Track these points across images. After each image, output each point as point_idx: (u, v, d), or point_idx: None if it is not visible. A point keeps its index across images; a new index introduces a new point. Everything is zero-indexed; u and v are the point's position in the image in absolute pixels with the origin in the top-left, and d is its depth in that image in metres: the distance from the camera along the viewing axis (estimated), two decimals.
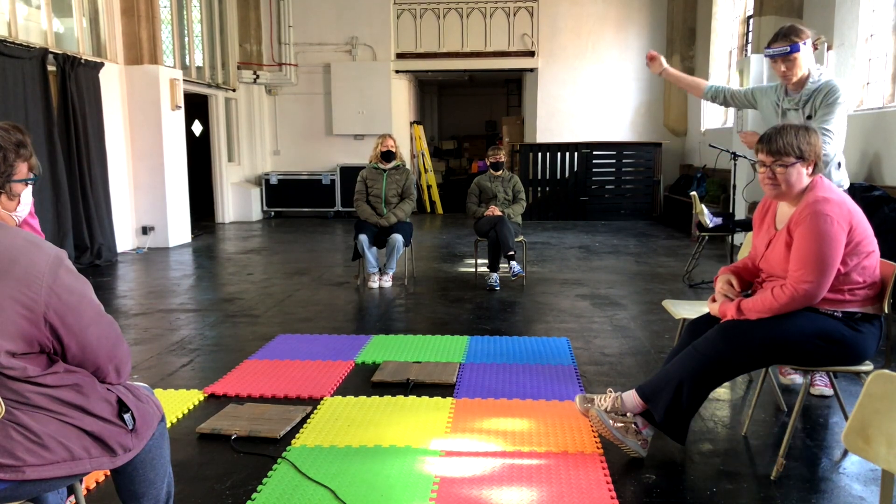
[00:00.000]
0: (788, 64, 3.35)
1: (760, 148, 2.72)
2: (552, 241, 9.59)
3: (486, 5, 13.02)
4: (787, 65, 3.35)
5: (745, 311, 2.70)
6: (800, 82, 3.43)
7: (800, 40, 3.30)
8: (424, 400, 3.55)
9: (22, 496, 1.71)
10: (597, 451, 2.94)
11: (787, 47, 3.30)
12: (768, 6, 8.74)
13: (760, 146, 2.72)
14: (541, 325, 5.11)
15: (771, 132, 2.71)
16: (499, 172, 6.63)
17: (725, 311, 2.78)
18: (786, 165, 2.65)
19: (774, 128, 2.74)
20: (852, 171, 7.03)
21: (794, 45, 3.29)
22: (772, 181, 2.71)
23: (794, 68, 3.35)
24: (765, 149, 2.70)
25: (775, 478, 2.72)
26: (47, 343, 1.69)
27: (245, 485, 2.70)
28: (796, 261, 2.61)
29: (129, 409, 1.85)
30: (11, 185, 1.78)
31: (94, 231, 8.01)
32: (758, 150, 2.75)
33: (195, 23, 11.28)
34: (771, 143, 2.67)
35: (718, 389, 3.73)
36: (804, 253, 2.57)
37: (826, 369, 2.71)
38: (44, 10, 7.80)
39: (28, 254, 1.67)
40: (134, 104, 9.05)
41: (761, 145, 2.72)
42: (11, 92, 6.80)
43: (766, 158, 2.69)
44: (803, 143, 2.64)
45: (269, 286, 6.59)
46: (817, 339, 2.60)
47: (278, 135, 13.33)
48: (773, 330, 2.62)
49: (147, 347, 4.59)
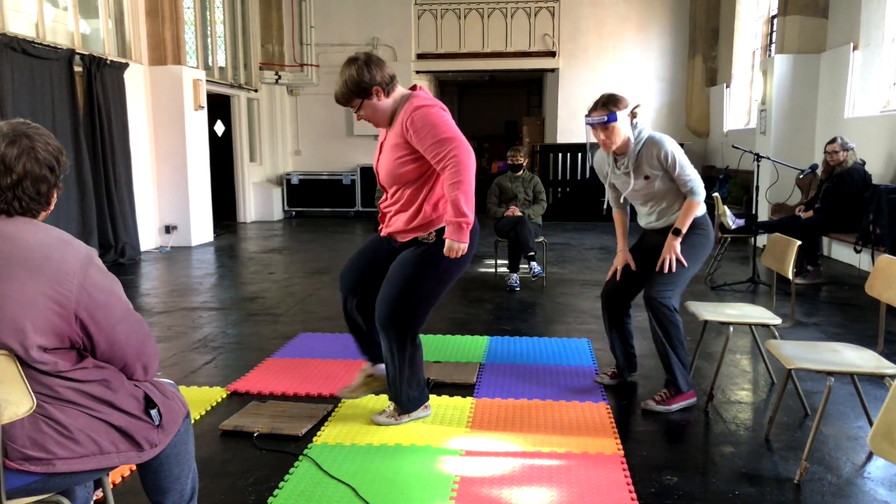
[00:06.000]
0: (607, 133, 3.43)
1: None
2: (572, 241, 9.56)
3: (507, 5, 13.01)
4: (606, 133, 3.43)
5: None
6: (622, 148, 3.50)
7: (617, 109, 3.38)
8: (444, 399, 3.56)
9: (52, 488, 1.75)
10: (617, 452, 2.94)
11: (605, 116, 3.38)
12: (793, 6, 8.64)
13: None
14: (561, 326, 5.10)
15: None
16: (519, 173, 6.62)
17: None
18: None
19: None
20: (878, 173, 6.94)
21: (611, 114, 3.38)
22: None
23: (613, 136, 3.43)
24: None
25: (799, 481, 2.70)
26: (77, 339, 1.72)
27: (267, 481, 2.72)
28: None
29: (155, 405, 1.89)
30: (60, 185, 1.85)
31: (119, 230, 8.12)
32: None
33: (218, 24, 11.39)
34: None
35: (740, 392, 3.71)
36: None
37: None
38: (71, 12, 7.92)
39: (60, 251, 1.71)
40: (158, 104, 9.15)
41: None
42: (39, 92, 6.92)
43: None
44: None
45: (290, 285, 6.64)
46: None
47: (299, 135, 13.42)
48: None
49: (170, 345, 4.65)
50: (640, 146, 3.43)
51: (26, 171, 1.72)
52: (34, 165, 1.73)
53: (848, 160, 6.43)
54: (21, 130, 1.76)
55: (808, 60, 8.60)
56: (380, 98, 2.98)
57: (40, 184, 1.75)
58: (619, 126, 3.38)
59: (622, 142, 3.43)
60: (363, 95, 2.96)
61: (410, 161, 2.98)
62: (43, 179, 1.75)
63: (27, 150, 1.73)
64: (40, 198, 1.76)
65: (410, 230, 3.06)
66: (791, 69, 8.65)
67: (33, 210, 1.77)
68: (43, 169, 1.75)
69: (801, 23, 8.60)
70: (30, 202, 1.74)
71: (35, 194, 1.75)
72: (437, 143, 2.87)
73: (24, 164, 1.72)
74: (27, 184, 1.72)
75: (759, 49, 10.98)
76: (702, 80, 12.68)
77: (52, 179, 1.78)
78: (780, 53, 8.74)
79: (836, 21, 8.38)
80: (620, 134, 3.40)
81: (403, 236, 3.10)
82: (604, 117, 3.36)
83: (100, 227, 7.87)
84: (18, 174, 1.71)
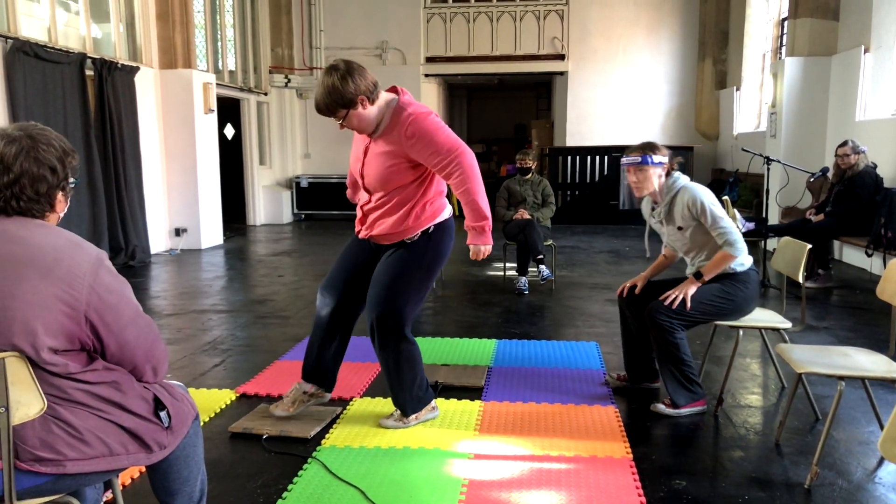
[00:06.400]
0: (639, 175, 3.45)
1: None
2: (581, 245, 9.55)
3: (516, 9, 13.02)
4: (638, 175, 3.46)
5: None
6: (655, 196, 3.53)
7: (652, 154, 3.42)
8: (453, 402, 3.56)
9: (62, 489, 1.75)
10: (626, 455, 2.93)
11: (639, 158, 3.42)
12: (803, 8, 8.60)
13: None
14: (570, 330, 5.09)
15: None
16: (528, 176, 6.62)
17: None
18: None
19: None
20: (890, 176, 6.90)
21: (645, 156, 3.41)
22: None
23: (644, 180, 3.45)
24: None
25: (809, 486, 2.68)
26: (88, 341, 1.73)
27: (276, 483, 2.73)
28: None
29: (165, 407, 1.89)
30: (69, 188, 1.84)
31: (129, 232, 8.16)
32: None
33: (228, 28, 11.44)
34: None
35: (750, 396, 3.70)
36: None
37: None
38: (82, 16, 7.98)
39: (71, 253, 1.72)
40: (168, 107, 9.20)
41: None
42: (51, 96, 6.97)
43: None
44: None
45: (299, 288, 6.65)
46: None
47: (309, 138, 13.46)
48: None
49: (180, 347, 4.67)
50: (673, 194, 3.44)
51: (23, 170, 1.72)
52: (32, 165, 1.73)
53: (859, 163, 6.40)
54: (27, 131, 1.77)
55: (818, 63, 8.56)
56: (364, 107, 2.91)
57: (39, 183, 1.74)
58: (651, 172, 3.41)
59: (651, 188, 3.46)
60: (348, 106, 2.88)
61: (406, 168, 2.97)
62: (41, 179, 1.74)
63: (26, 150, 1.73)
64: (39, 198, 1.75)
65: (398, 233, 3.04)
66: (802, 72, 8.61)
67: (33, 210, 1.76)
68: (42, 169, 1.74)
69: (811, 25, 8.56)
70: (28, 202, 1.74)
71: (34, 194, 1.74)
72: (439, 152, 2.88)
73: (21, 163, 1.72)
74: (25, 182, 1.72)
75: (769, 52, 10.94)
76: (711, 82, 12.65)
77: (52, 180, 1.77)
78: (791, 56, 8.71)
79: (846, 23, 8.34)
80: (652, 180, 3.43)
81: (389, 239, 3.08)
82: (637, 158, 3.41)
83: (110, 229, 7.92)
84: (16, 173, 1.71)
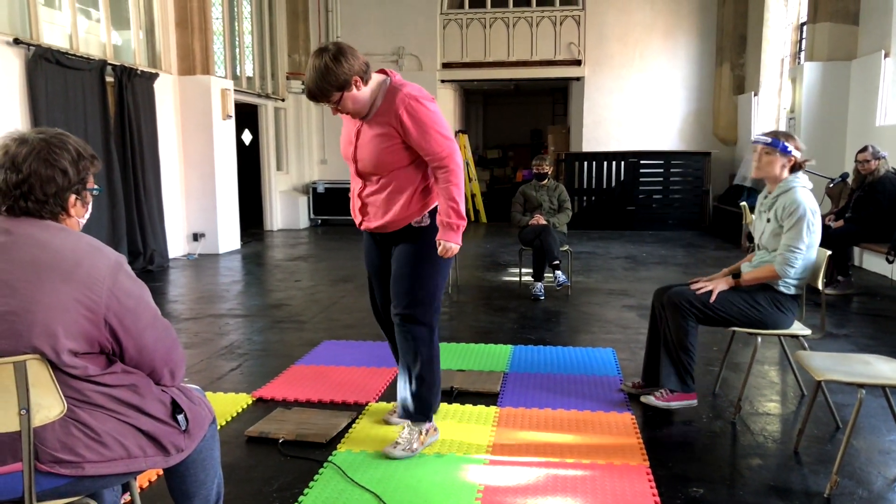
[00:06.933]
0: (764, 156, 3.44)
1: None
2: (598, 250, 9.51)
3: (532, 14, 13.03)
4: (763, 156, 3.45)
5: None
6: (771, 181, 3.50)
7: (785, 141, 3.39)
8: (468, 408, 3.55)
9: (81, 491, 1.77)
10: (643, 463, 2.91)
11: (770, 139, 3.41)
12: (823, 12, 8.53)
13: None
14: (586, 336, 5.07)
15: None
16: (544, 182, 6.61)
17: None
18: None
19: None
20: None
21: (776, 140, 3.40)
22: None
23: (767, 164, 3.44)
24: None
25: (829, 495, 2.65)
26: (107, 344, 1.75)
27: (292, 488, 2.74)
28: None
29: (182, 411, 1.91)
30: (86, 193, 1.86)
31: (147, 237, 8.24)
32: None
33: (246, 34, 11.54)
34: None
35: (768, 404, 3.66)
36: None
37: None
38: (103, 24, 8.08)
39: (91, 257, 1.74)
40: (186, 113, 9.29)
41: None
42: (72, 102, 7.06)
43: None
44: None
45: (315, 293, 6.68)
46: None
47: (325, 144, 13.52)
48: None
49: (197, 351, 4.70)
50: (785, 189, 3.41)
51: (32, 170, 1.73)
52: (41, 166, 1.74)
53: (880, 169, 6.33)
54: (45, 134, 1.79)
55: (838, 68, 8.49)
56: (359, 88, 2.79)
57: (47, 185, 1.75)
58: (776, 157, 3.40)
59: (771, 174, 3.44)
60: (343, 87, 2.76)
61: (402, 149, 2.87)
62: (51, 181, 1.75)
63: (38, 151, 1.75)
64: (48, 199, 1.76)
65: (405, 218, 2.93)
66: (821, 77, 8.54)
67: (42, 211, 1.76)
68: (51, 170, 1.75)
69: (830, 30, 8.49)
70: (36, 202, 1.75)
71: (42, 195, 1.75)
72: (434, 143, 2.81)
73: (31, 164, 1.73)
74: (33, 183, 1.73)
75: (787, 56, 10.85)
76: (729, 87, 12.57)
77: (62, 182, 1.77)
78: (810, 61, 8.64)
79: (867, 28, 8.27)
80: (774, 165, 3.42)
81: (396, 225, 2.96)
82: (769, 139, 3.41)
83: (129, 234, 8.00)
84: (25, 173, 1.72)
